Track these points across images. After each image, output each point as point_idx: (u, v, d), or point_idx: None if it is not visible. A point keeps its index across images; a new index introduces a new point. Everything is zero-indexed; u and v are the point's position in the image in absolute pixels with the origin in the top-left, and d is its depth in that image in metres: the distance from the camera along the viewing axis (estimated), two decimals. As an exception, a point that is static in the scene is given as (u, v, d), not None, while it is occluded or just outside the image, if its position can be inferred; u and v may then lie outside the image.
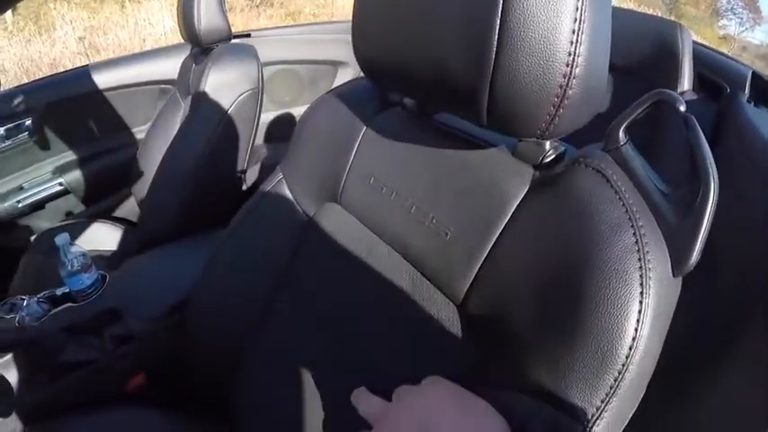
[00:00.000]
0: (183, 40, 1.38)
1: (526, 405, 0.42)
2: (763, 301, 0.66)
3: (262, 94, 1.23)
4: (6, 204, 1.63)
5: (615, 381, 0.38)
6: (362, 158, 0.66)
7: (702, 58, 1.28)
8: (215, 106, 1.17)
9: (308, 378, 0.70)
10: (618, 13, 1.43)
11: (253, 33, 1.83)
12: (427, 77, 0.48)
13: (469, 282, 0.51)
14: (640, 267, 0.39)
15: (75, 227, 1.52)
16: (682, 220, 0.41)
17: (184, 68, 1.50)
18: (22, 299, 1.14)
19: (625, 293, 0.39)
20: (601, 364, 0.39)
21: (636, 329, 0.38)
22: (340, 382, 0.64)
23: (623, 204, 0.42)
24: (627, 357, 0.38)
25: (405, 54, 0.49)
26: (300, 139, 0.76)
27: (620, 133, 0.46)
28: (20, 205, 1.63)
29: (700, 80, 1.27)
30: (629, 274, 0.39)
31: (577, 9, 0.37)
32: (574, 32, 0.37)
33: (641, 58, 1.29)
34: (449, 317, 0.53)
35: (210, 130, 1.14)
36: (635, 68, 1.30)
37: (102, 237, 1.43)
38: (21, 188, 1.66)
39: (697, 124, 0.42)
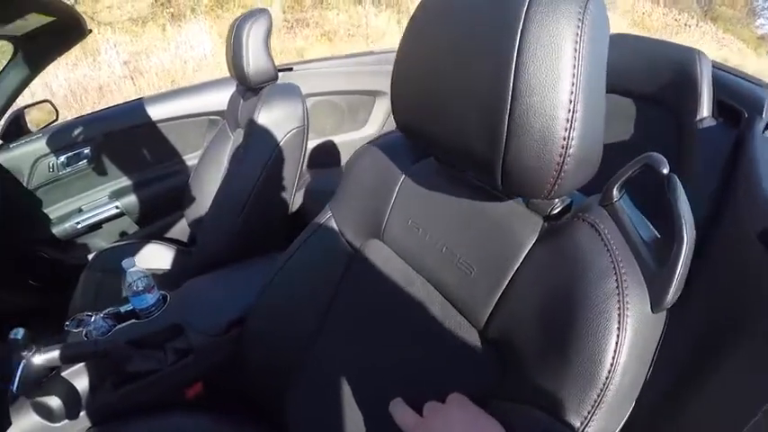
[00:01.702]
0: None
1: (529, 414, 0.54)
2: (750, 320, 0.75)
3: (307, 129, 1.37)
4: (66, 225, 1.83)
5: (598, 397, 0.50)
6: (401, 202, 0.79)
7: (722, 83, 1.32)
8: (266, 142, 1.31)
9: (351, 392, 0.83)
10: (637, 41, 1.50)
11: (295, 67, 2.00)
12: (452, 147, 0.60)
13: (489, 311, 0.63)
14: (619, 308, 0.51)
15: (131, 247, 1.69)
16: (660, 268, 0.52)
17: (232, 103, 1.66)
18: (89, 315, 1.29)
19: (604, 328, 0.50)
20: (586, 384, 0.50)
21: (613, 357, 0.50)
22: (381, 394, 0.77)
23: (610, 254, 0.53)
24: (606, 379, 0.50)
25: (433, 125, 0.62)
26: (347, 183, 0.90)
27: (615, 191, 0.57)
28: (79, 226, 1.83)
29: (720, 106, 1.31)
30: (609, 312, 0.51)
31: (571, 102, 0.48)
32: (567, 121, 0.48)
33: (661, 85, 1.34)
34: (472, 340, 0.66)
35: (263, 162, 1.28)
36: (655, 96, 1.36)
37: (156, 255, 1.60)
38: (80, 210, 1.86)
39: (678, 183, 0.53)
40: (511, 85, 0.49)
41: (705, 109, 1.27)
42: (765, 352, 0.68)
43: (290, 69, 1.95)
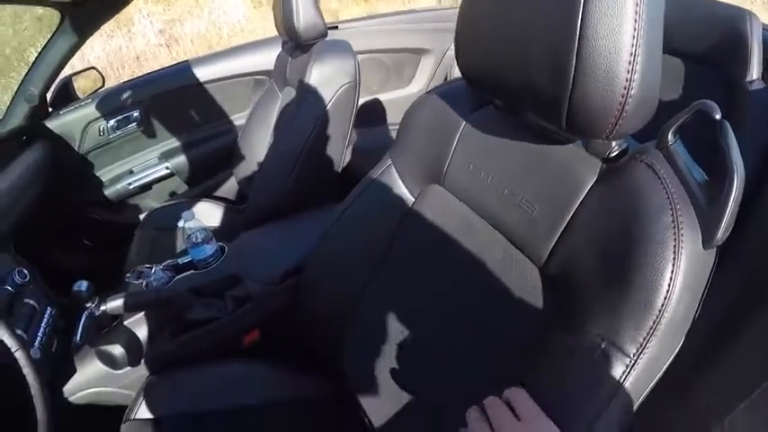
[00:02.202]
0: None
1: (588, 342, 0.57)
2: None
3: (359, 85, 1.39)
4: (118, 186, 1.90)
5: (654, 323, 0.53)
6: (463, 148, 0.81)
7: None
8: (318, 98, 1.33)
9: (409, 338, 0.86)
10: (687, 0, 1.46)
11: (340, 25, 2.00)
12: (518, 89, 0.63)
13: (550, 249, 0.67)
14: (674, 240, 0.53)
15: (182, 205, 1.75)
16: (711, 206, 0.55)
17: (280, 61, 1.68)
18: (148, 267, 1.34)
19: (662, 259, 0.53)
20: (643, 310, 0.53)
21: (669, 285, 0.53)
22: (439, 339, 0.80)
23: (666, 192, 0.56)
24: (662, 306, 0.53)
25: (499, 68, 0.64)
26: (407, 129, 0.92)
27: (670, 135, 0.60)
28: (130, 187, 1.90)
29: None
30: (666, 243, 0.54)
31: (633, 45, 0.51)
32: (630, 63, 0.51)
33: (711, 45, 1.32)
34: (533, 277, 0.69)
35: (314, 119, 1.30)
36: (705, 56, 1.34)
37: (206, 213, 1.65)
38: (131, 172, 1.92)
39: (729, 128, 0.55)
40: (578, 28, 0.52)
41: (755, 71, 1.26)
42: None
43: (336, 28, 1.95)
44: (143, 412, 0.97)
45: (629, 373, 0.55)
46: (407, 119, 0.92)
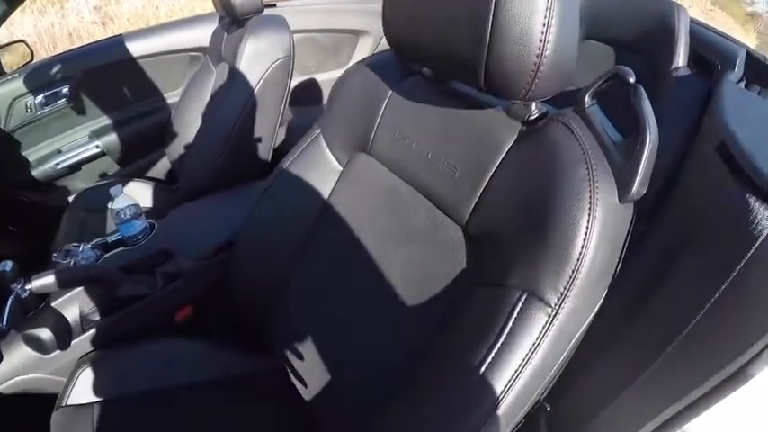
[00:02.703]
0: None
1: (510, 293, 0.60)
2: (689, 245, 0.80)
3: (293, 61, 1.39)
4: (46, 166, 1.83)
5: (572, 273, 0.57)
6: (389, 116, 0.85)
7: (698, 37, 1.38)
8: (251, 73, 1.33)
9: (338, 301, 0.89)
10: None
11: (278, 4, 1.99)
12: (441, 54, 0.66)
13: (471, 208, 0.71)
14: (590, 191, 0.57)
15: (113, 185, 1.70)
16: (626, 162, 0.59)
17: (215, 37, 1.65)
18: (75, 246, 1.31)
19: (578, 210, 0.57)
20: (562, 259, 0.57)
21: (585, 234, 0.56)
22: (368, 299, 0.83)
23: (581, 148, 0.60)
24: (580, 255, 0.56)
25: (423, 36, 0.67)
26: (336, 99, 0.94)
27: (587, 98, 0.64)
28: (59, 167, 1.83)
29: (695, 58, 1.37)
30: (582, 194, 0.57)
31: (547, 9, 0.54)
32: (544, 25, 0.55)
33: (640, 33, 1.41)
34: (456, 237, 0.73)
35: (247, 94, 1.30)
36: (636, 44, 1.43)
37: (138, 193, 1.60)
38: (59, 151, 1.85)
39: (643, 91, 0.60)
40: None
41: (681, 59, 1.33)
42: (697, 273, 0.73)
43: (274, 5, 1.94)
44: (75, 397, 0.96)
45: (551, 323, 0.58)
46: (336, 89, 0.94)
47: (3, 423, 1.00)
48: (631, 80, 0.59)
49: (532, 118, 0.68)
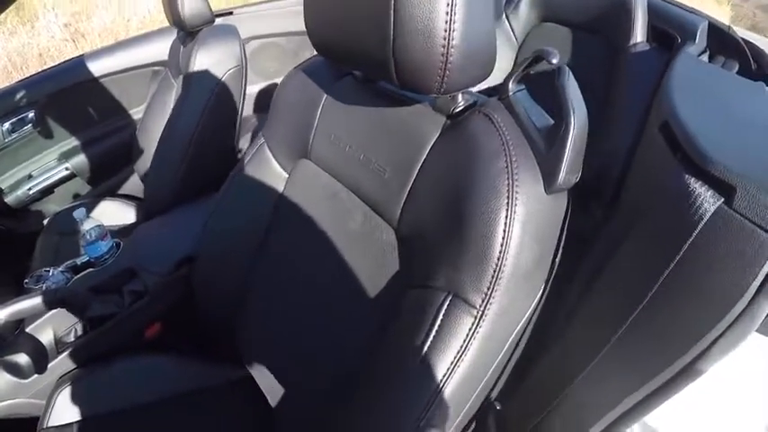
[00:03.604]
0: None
1: (436, 295, 0.61)
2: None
3: (246, 69, 1.41)
4: (19, 192, 1.85)
5: (495, 272, 0.56)
6: (325, 120, 0.86)
7: (656, 9, 1.38)
8: (204, 84, 1.35)
9: (292, 304, 0.91)
10: None
11: (235, 11, 2.00)
12: (354, 54, 0.66)
13: (400, 209, 0.71)
14: (508, 185, 0.57)
15: (85, 206, 1.71)
16: (550, 149, 0.58)
17: (173, 50, 1.68)
18: (46, 270, 1.34)
19: (496, 205, 0.56)
20: (482, 260, 0.57)
21: (504, 232, 0.56)
22: (319, 301, 0.86)
23: (501, 139, 0.59)
24: (500, 254, 0.56)
25: (340, 36, 0.67)
26: (276, 108, 0.96)
27: (511, 84, 0.64)
28: (30, 192, 1.84)
29: (654, 31, 1.37)
30: (499, 189, 0.57)
31: (448, 4, 0.53)
32: (447, 14, 0.53)
33: (597, 14, 1.41)
34: (390, 239, 0.74)
35: (202, 105, 1.33)
36: (592, 25, 1.43)
37: (111, 213, 1.64)
38: (30, 176, 1.87)
39: (568, 72, 0.59)
40: None
41: (639, 34, 1.34)
42: (640, 262, 0.70)
43: (230, 13, 1.95)
44: (56, 419, 0.98)
45: (477, 325, 0.58)
46: (276, 97, 0.96)
47: None
48: (554, 61, 0.57)
49: (457, 110, 0.67)
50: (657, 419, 0.78)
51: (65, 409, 1.00)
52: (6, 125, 1.76)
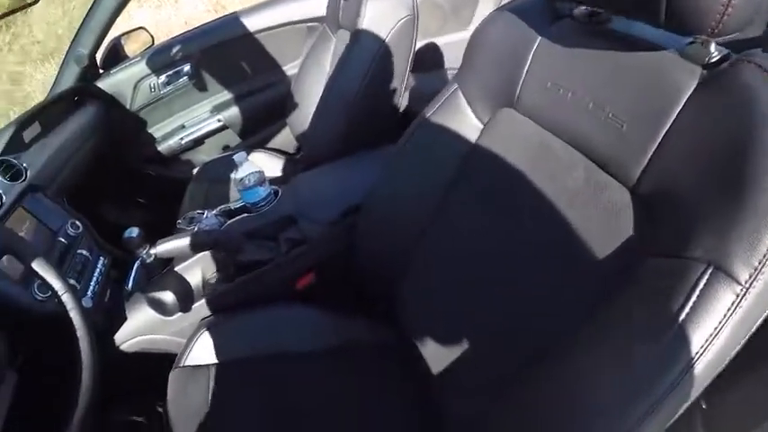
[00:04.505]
0: None
1: (692, 267, 0.51)
2: None
3: (417, 20, 1.34)
4: (171, 141, 1.95)
5: None
6: (539, 65, 0.77)
7: None
8: (373, 35, 1.29)
9: (473, 279, 0.83)
10: None
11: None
12: None
13: (643, 166, 0.62)
14: None
15: (236, 154, 1.77)
16: None
17: (332, 5, 1.64)
18: (200, 213, 1.37)
19: None
20: (759, 227, 0.47)
21: None
22: (509, 274, 0.76)
23: None
24: None
25: None
26: (475, 50, 0.88)
27: None
28: (183, 141, 1.94)
29: None
30: None
31: None
32: None
33: None
34: (621, 198, 0.64)
35: (370, 58, 1.27)
36: None
37: (262, 164, 1.64)
38: (182, 127, 1.96)
39: None
40: None
41: None
42: None
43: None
44: (193, 359, 0.99)
45: (738, 304, 0.49)
46: (475, 39, 0.89)
47: (123, 379, 1.05)
48: None
49: (713, 60, 0.58)
50: None
51: (204, 351, 1.00)
52: (162, 78, 1.85)
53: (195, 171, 1.86)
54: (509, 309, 0.76)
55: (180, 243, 1.04)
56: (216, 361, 0.98)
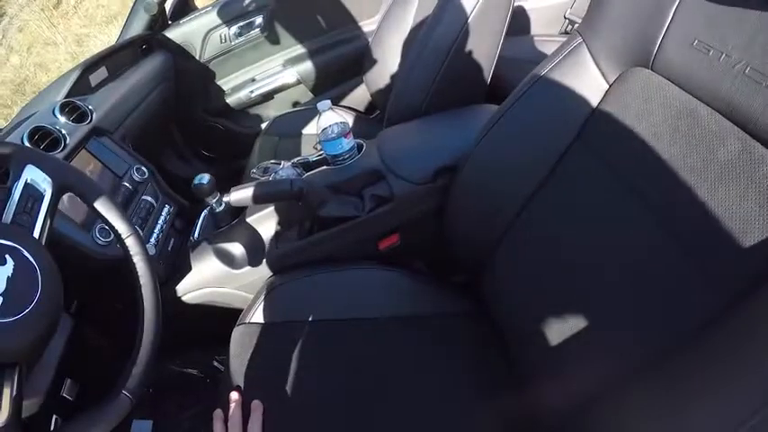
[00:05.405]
0: None
1: None
2: None
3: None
4: (240, 94, 1.93)
5: None
6: (683, 21, 0.67)
7: None
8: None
9: (583, 249, 0.74)
10: None
11: None
12: None
13: None
14: None
15: (307, 112, 1.73)
16: None
17: None
18: (275, 163, 1.32)
19: None
20: None
21: None
22: (635, 242, 0.68)
23: None
24: None
25: None
26: (605, 1, 0.78)
27: None
28: (252, 95, 1.91)
29: None
30: None
31: None
32: None
33: None
34: None
35: (465, 14, 1.18)
36: None
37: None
38: (253, 80, 1.93)
39: None
40: None
41: None
42: None
43: None
44: (259, 315, 0.95)
45: None
46: None
47: (185, 330, 1.02)
48: None
49: None
50: None
51: (271, 308, 0.96)
52: (234, 29, 1.82)
53: (264, 126, 1.83)
54: (624, 300, 0.68)
55: (257, 191, 0.99)
56: (285, 319, 0.94)
